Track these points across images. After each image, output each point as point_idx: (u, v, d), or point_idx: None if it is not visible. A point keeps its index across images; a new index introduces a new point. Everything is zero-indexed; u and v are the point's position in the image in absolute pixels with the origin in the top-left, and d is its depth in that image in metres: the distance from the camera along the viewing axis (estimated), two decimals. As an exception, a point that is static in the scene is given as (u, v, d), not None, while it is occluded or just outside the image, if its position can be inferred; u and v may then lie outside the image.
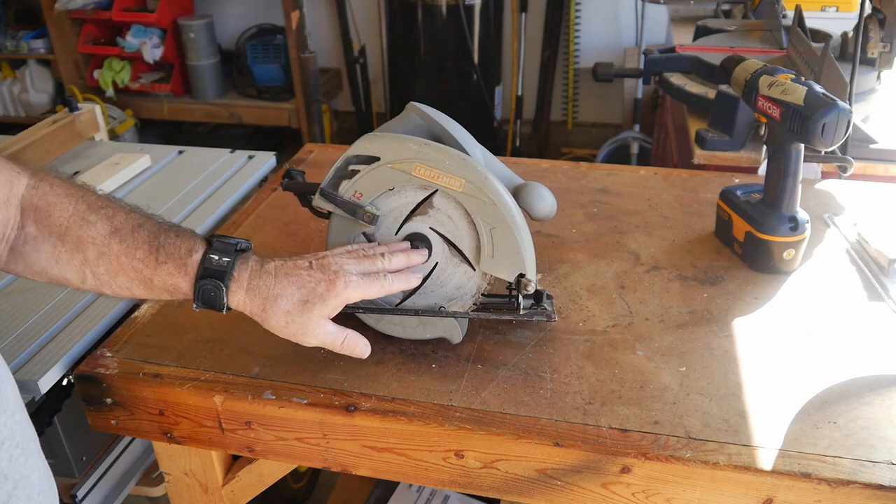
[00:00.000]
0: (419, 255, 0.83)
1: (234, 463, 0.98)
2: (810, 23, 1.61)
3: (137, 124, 3.71)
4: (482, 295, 0.88)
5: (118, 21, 3.61)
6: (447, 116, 0.87)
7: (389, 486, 1.61)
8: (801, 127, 0.92)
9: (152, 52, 3.61)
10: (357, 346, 0.81)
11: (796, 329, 0.91)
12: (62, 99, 3.75)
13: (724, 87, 1.45)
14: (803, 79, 0.96)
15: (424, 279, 0.87)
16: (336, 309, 0.77)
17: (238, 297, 0.76)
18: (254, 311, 0.76)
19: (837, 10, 2.20)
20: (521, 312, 0.88)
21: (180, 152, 1.63)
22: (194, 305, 0.75)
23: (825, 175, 1.38)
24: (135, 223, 0.75)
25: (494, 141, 3.65)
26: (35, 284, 1.10)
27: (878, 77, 1.53)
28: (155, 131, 3.84)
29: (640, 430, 0.76)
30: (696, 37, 1.96)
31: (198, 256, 0.75)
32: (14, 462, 0.61)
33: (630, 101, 3.37)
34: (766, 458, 0.72)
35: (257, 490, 0.98)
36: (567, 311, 0.95)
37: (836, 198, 1.23)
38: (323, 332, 0.77)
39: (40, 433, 0.96)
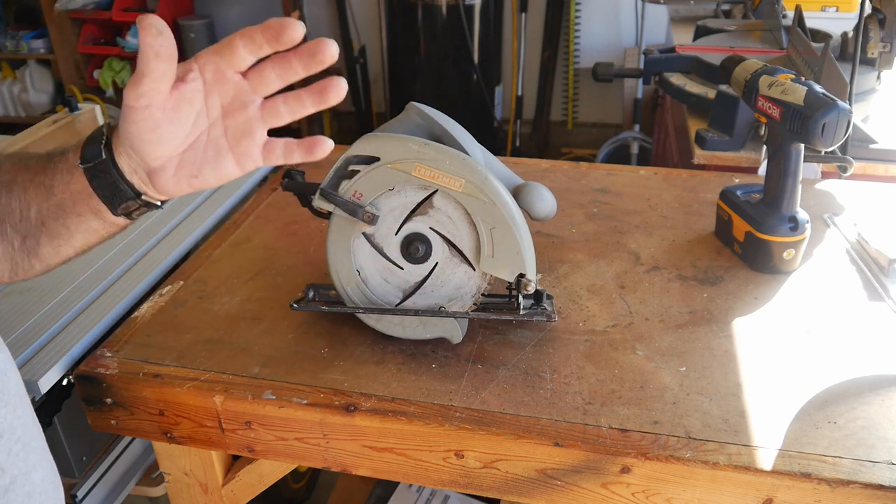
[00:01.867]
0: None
1: (234, 463, 0.98)
2: (810, 23, 1.61)
3: (137, 124, 3.71)
4: (482, 295, 0.88)
5: (118, 21, 3.61)
6: (447, 116, 0.87)
7: (389, 486, 1.61)
8: (801, 127, 0.92)
9: (152, 52, 3.61)
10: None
11: (796, 329, 0.91)
12: (62, 99, 3.75)
13: (724, 87, 1.45)
14: (803, 79, 0.96)
15: (424, 279, 0.87)
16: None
17: (116, 146, 0.64)
18: (135, 161, 0.64)
19: (837, 10, 2.20)
20: (521, 312, 0.88)
21: (180, 152, 1.62)
22: (80, 164, 0.63)
23: (825, 175, 1.38)
24: (27, 154, 0.67)
25: (494, 141, 3.65)
26: (35, 284, 1.10)
27: (878, 77, 1.53)
28: (155, 131, 3.83)
29: (640, 430, 0.76)
30: (696, 37, 1.96)
31: (82, 142, 0.66)
32: (13, 457, 0.60)
33: (630, 101, 3.37)
34: (766, 458, 0.72)
35: (257, 490, 0.98)
36: (567, 311, 0.95)
37: (836, 198, 1.23)
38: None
39: (40, 433, 0.96)
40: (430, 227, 0.86)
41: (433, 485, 0.83)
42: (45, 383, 0.94)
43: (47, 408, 0.97)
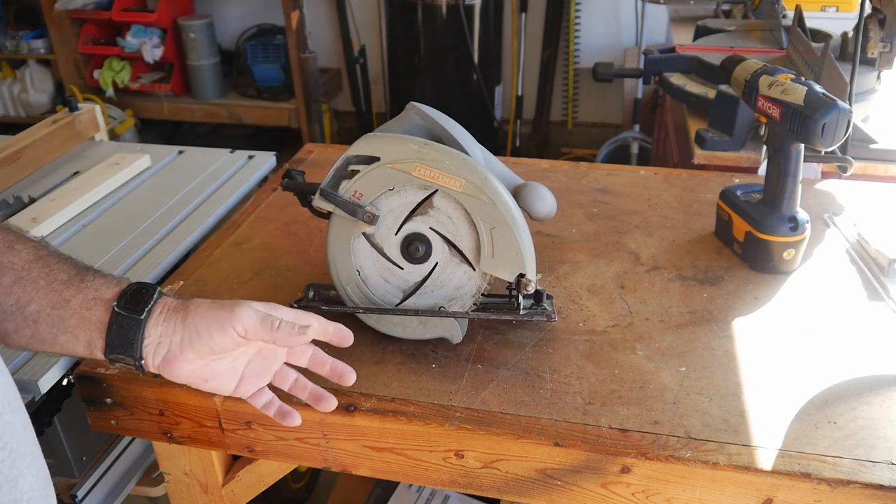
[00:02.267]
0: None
1: (234, 463, 0.98)
2: (810, 23, 1.61)
3: (137, 124, 3.71)
4: (482, 295, 0.88)
5: (118, 21, 3.61)
6: (447, 116, 0.87)
7: (389, 486, 1.61)
8: (801, 127, 0.92)
9: (152, 52, 3.61)
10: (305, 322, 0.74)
11: (796, 329, 0.91)
12: (62, 99, 3.75)
13: (724, 87, 1.45)
14: (803, 79, 0.96)
15: (424, 279, 0.87)
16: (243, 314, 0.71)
17: (166, 301, 0.72)
18: (177, 312, 0.71)
19: (837, 10, 2.20)
20: (521, 312, 0.88)
21: (180, 152, 1.63)
22: (115, 305, 0.69)
23: (825, 175, 1.38)
24: (63, 257, 0.72)
25: (494, 141, 3.65)
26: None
27: (878, 77, 1.53)
28: (155, 131, 3.84)
29: (640, 430, 0.76)
30: (696, 37, 1.96)
31: (125, 284, 0.72)
32: None
33: (630, 101, 3.37)
34: (766, 458, 0.72)
35: (257, 490, 0.98)
36: (567, 311, 0.95)
37: (836, 198, 1.23)
38: (249, 313, 0.71)
39: (40, 433, 0.96)
40: (430, 227, 0.86)
41: (433, 485, 0.83)
42: (45, 383, 0.94)
43: (47, 408, 0.97)
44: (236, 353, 0.74)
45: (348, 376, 0.78)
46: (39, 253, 0.70)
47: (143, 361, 0.70)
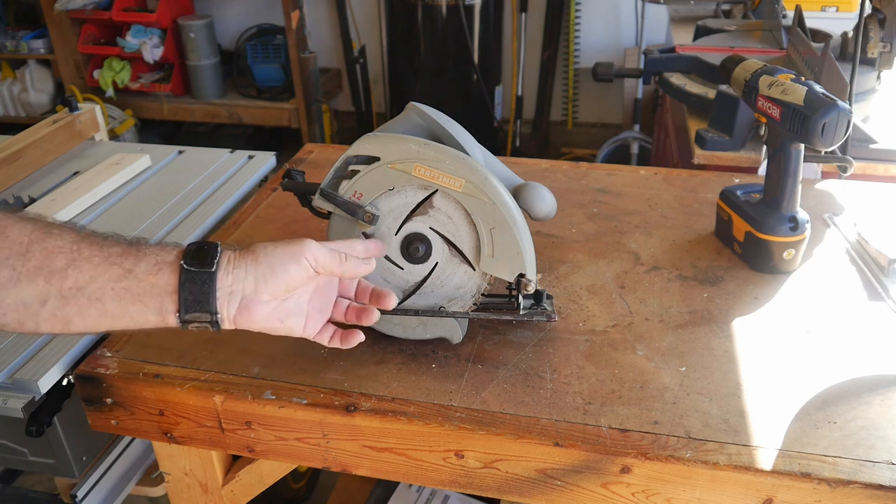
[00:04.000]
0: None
1: (234, 463, 0.98)
2: (810, 23, 1.61)
3: (137, 124, 3.71)
4: (482, 295, 0.88)
5: (118, 21, 3.61)
6: (447, 116, 0.87)
7: (389, 486, 1.61)
8: (801, 127, 0.92)
9: (152, 52, 3.61)
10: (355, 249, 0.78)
11: (796, 329, 0.91)
12: (62, 99, 3.75)
13: (724, 87, 1.45)
14: (803, 79, 0.96)
15: (424, 279, 0.87)
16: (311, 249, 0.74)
17: (228, 253, 0.71)
18: (245, 258, 0.72)
19: (837, 10, 2.20)
20: (521, 312, 0.88)
21: (180, 152, 1.63)
22: (183, 263, 0.68)
23: (825, 175, 1.38)
24: (107, 233, 0.71)
25: (494, 141, 3.65)
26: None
27: (878, 77, 1.53)
28: (155, 131, 3.84)
29: (640, 430, 0.76)
30: (696, 37, 1.96)
31: (184, 245, 0.71)
32: None
33: (630, 101, 3.37)
34: (766, 458, 0.72)
35: (257, 490, 0.98)
36: (567, 311, 0.95)
37: (836, 198, 1.23)
38: (314, 248, 0.73)
39: (40, 433, 0.96)
40: (430, 227, 0.86)
41: (433, 485, 0.83)
42: (45, 383, 0.94)
43: (47, 408, 0.97)
44: (301, 291, 0.75)
45: (388, 298, 0.80)
46: (81, 233, 0.69)
47: (218, 315, 0.70)
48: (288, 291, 0.73)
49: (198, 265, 0.69)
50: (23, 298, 0.65)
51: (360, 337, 0.81)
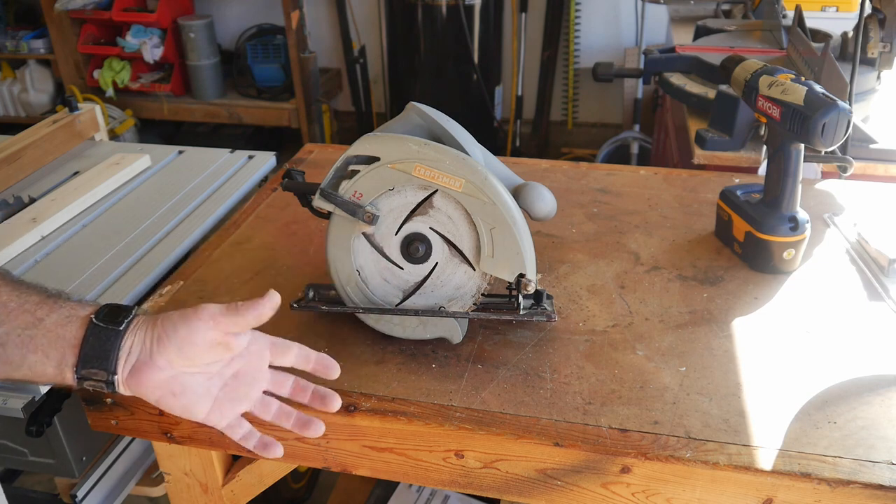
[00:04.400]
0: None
1: (234, 463, 0.98)
2: (810, 23, 1.61)
3: (137, 124, 3.71)
4: (482, 295, 0.88)
5: (118, 21, 3.61)
6: (447, 116, 0.87)
7: (389, 486, 1.61)
8: (801, 127, 0.92)
9: (152, 52, 3.61)
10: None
11: (796, 329, 0.91)
12: (62, 99, 3.75)
13: (724, 87, 1.45)
14: (803, 79, 0.96)
15: (424, 279, 0.87)
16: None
17: (141, 318, 0.71)
18: (149, 321, 0.71)
19: (837, 10, 2.19)
20: (521, 312, 0.88)
21: (180, 152, 1.63)
22: (93, 318, 0.68)
23: (825, 175, 1.38)
24: (32, 283, 0.71)
25: (494, 141, 3.65)
26: (35, 284, 1.10)
27: (878, 77, 1.53)
28: (155, 131, 3.84)
29: (640, 430, 0.76)
30: (696, 37, 1.96)
31: (101, 304, 0.72)
32: None
33: (630, 101, 3.37)
34: (766, 458, 0.72)
35: (257, 490, 0.97)
36: (567, 311, 0.95)
37: (836, 198, 1.23)
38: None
39: (40, 433, 0.96)
40: (430, 227, 0.86)
41: (433, 485, 0.83)
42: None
43: (47, 408, 0.97)
44: (211, 373, 0.72)
45: (331, 400, 0.76)
46: (6, 279, 0.69)
47: (115, 376, 0.69)
48: (184, 358, 0.69)
49: (107, 322, 0.69)
50: None
51: (279, 450, 0.77)
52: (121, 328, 0.69)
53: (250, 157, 1.58)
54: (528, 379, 0.84)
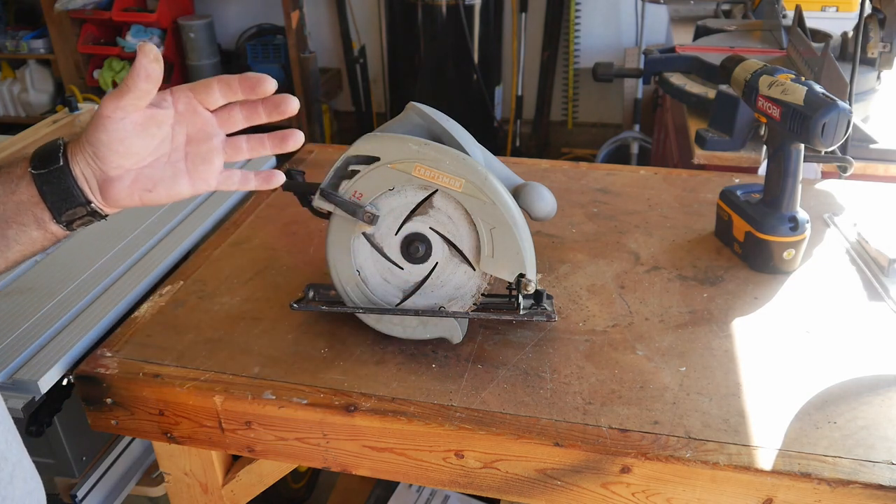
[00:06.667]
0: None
1: (234, 463, 0.98)
2: (810, 23, 1.61)
3: (137, 124, 3.71)
4: (482, 295, 0.88)
5: (118, 21, 3.61)
6: (447, 116, 0.87)
7: (389, 486, 1.61)
8: (801, 127, 0.92)
9: (152, 52, 3.61)
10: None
11: (796, 329, 0.91)
12: (62, 99, 3.75)
13: (724, 87, 1.45)
14: (803, 79, 0.96)
15: (424, 279, 0.87)
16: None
17: (72, 154, 0.68)
18: (80, 143, 0.68)
19: (837, 10, 2.20)
20: (521, 312, 0.88)
21: (180, 152, 1.62)
22: (31, 170, 0.67)
23: (825, 175, 1.38)
24: None
25: (494, 141, 3.65)
26: (35, 284, 1.10)
27: (878, 77, 1.53)
28: (155, 131, 3.83)
29: (640, 430, 0.76)
30: (696, 37, 1.96)
31: (30, 153, 0.69)
32: (10, 445, 0.63)
33: (630, 101, 3.37)
34: (766, 458, 0.72)
35: (257, 490, 0.98)
36: (567, 311, 0.95)
37: (836, 198, 1.23)
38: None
39: (40, 433, 0.96)
40: (430, 227, 0.86)
41: (433, 485, 0.83)
42: (45, 383, 0.94)
43: (47, 408, 0.97)
44: (165, 153, 0.69)
45: (286, 102, 0.69)
46: None
47: (92, 204, 0.68)
48: (125, 156, 0.67)
49: (47, 166, 0.67)
50: None
51: (280, 177, 0.73)
52: (61, 164, 0.67)
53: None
54: (528, 379, 0.84)
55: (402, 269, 0.88)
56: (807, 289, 0.99)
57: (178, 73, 3.71)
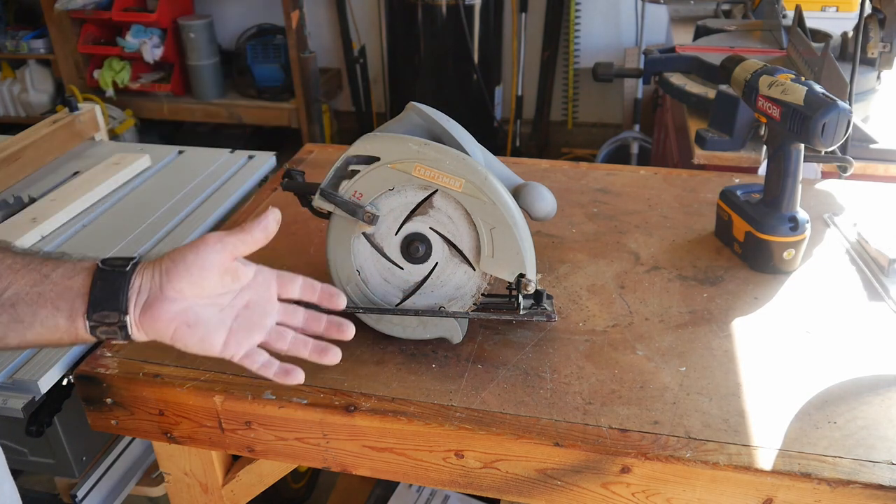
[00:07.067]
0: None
1: (234, 463, 0.98)
2: (810, 23, 1.61)
3: (137, 124, 3.71)
4: (482, 295, 0.88)
5: (118, 21, 3.61)
6: (447, 116, 0.87)
7: (389, 486, 1.61)
8: (801, 127, 0.92)
9: (152, 52, 3.61)
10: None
11: (796, 329, 0.91)
12: (62, 99, 3.75)
13: (724, 87, 1.45)
14: (803, 79, 0.96)
15: (424, 279, 0.87)
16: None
17: (142, 267, 0.70)
18: (155, 261, 0.70)
19: (837, 10, 2.19)
20: (521, 312, 0.88)
21: (180, 152, 1.63)
22: (99, 264, 0.68)
23: (825, 175, 1.38)
24: (28, 249, 0.70)
25: (494, 141, 3.64)
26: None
27: (878, 77, 1.53)
28: (155, 131, 3.84)
29: (640, 430, 0.76)
30: (696, 37, 1.96)
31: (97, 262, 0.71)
32: None
33: (630, 101, 3.37)
34: (766, 458, 0.72)
35: (257, 490, 0.98)
36: (567, 311, 0.95)
37: (836, 198, 1.23)
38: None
39: (40, 433, 0.96)
40: (430, 227, 0.86)
41: (433, 485, 0.83)
42: (45, 383, 0.94)
43: (47, 408, 0.97)
44: (222, 304, 0.71)
45: (347, 328, 0.75)
46: (9, 248, 0.69)
47: (127, 317, 0.68)
48: (194, 285, 0.69)
49: (113, 266, 0.69)
50: None
51: (300, 376, 0.74)
52: (127, 269, 0.68)
53: (250, 158, 1.58)
54: (528, 379, 0.84)
55: (402, 269, 0.88)
56: (807, 289, 0.99)
57: (178, 72, 3.71)
